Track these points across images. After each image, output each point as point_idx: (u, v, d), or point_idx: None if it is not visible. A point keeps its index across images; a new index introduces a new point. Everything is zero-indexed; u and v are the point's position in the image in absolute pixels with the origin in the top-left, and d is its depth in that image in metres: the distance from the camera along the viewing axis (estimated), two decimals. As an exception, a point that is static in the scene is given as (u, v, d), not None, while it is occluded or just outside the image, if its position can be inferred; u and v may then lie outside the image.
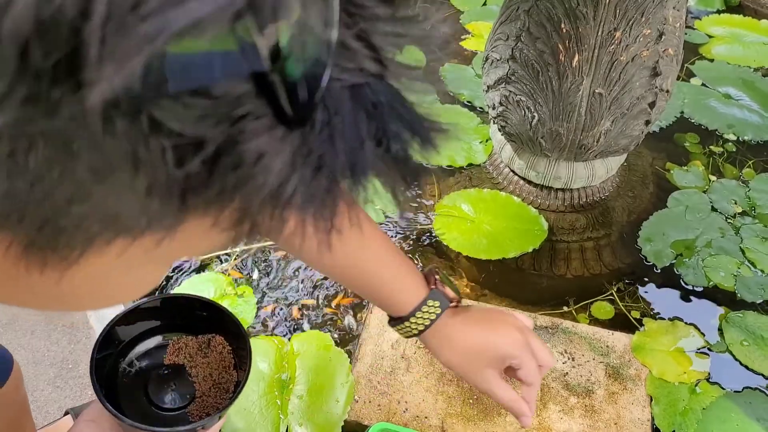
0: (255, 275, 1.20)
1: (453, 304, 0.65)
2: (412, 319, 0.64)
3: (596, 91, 1.07)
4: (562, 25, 1.02)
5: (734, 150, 1.45)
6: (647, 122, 1.15)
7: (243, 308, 1.14)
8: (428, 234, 1.27)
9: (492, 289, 1.19)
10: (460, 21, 1.80)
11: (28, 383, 1.35)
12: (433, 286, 0.64)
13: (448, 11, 1.83)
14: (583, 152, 1.18)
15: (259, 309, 1.15)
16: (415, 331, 0.64)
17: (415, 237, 1.27)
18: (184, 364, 0.62)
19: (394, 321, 0.66)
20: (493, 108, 1.23)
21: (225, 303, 1.15)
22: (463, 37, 1.75)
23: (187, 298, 0.63)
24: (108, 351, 0.59)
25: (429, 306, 0.63)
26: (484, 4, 1.87)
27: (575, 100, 1.09)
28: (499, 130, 1.28)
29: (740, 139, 1.47)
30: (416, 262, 1.23)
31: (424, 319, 0.63)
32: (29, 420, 0.97)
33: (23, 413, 0.94)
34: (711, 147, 1.45)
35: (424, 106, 0.23)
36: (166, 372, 0.62)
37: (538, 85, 1.11)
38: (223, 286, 1.17)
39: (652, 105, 1.11)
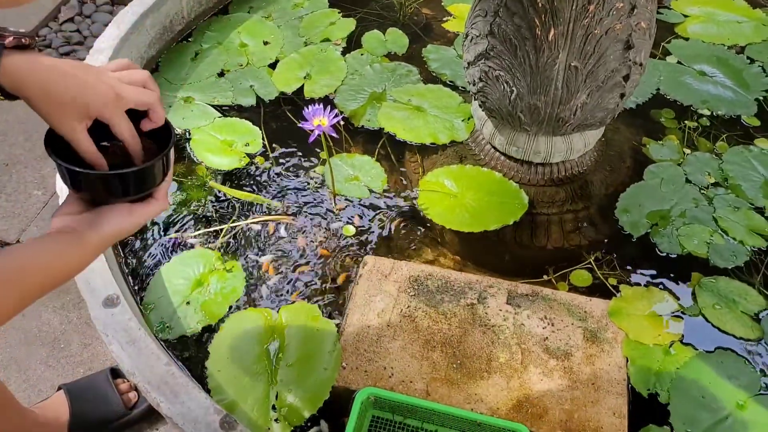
0: (243, 250, 1.23)
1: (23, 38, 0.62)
2: None
3: (572, 64, 1.10)
4: (538, 0, 1.05)
5: (708, 124, 1.49)
6: (622, 95, 1.18)
7: (232, 282, 1.17)
8: (413, 209, 1.30)
9: (474, 261, 1.23)
10: (442, 3, 1.83)
11: (20, 363, 1.37)
12: None
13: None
14: (561, 125, 1.21)
15: (248, 282, 1.17)
16: None
17: (400, 212, 1.30)
18: (118, 153, 0.71)
19: None
20: (474, 84, 1.26)
21: (214, 278, 1.17)
22: (445, 19, 1.78)
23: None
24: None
25: None
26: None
27: (552, 74, 1.12)
28: (480, 106, 1.31)
29: (714, 113, 1.51)
30: (402, 236, 1.26)
31: None
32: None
33: None
34: (686, 122, 1.49)
35: None
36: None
37: (516, 60, 1.14)
38: (212, 261, 1.19)
39: (626, 78, 1.15)
